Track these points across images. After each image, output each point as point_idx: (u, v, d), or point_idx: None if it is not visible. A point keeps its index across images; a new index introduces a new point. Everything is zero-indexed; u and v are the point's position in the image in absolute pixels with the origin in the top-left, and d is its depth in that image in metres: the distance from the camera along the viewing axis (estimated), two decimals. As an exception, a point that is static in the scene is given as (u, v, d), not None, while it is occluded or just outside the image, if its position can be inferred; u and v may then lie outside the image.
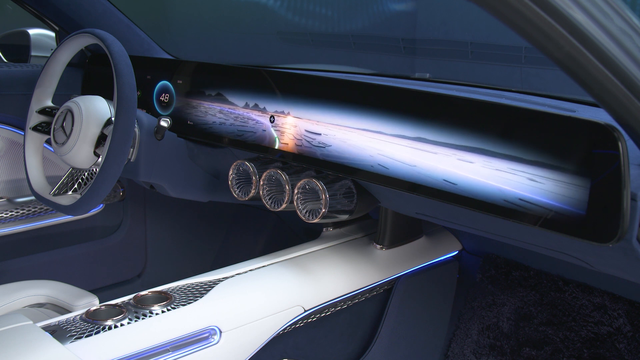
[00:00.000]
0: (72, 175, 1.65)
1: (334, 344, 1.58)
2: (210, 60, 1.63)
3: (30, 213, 1.90)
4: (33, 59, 2.31)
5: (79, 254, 2.03)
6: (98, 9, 1.87)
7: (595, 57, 0.70)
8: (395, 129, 1.18)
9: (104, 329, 1.16)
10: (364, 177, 1.25)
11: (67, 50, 1.59)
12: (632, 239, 0.95)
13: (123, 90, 1.36)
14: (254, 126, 1.45)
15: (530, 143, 1.00)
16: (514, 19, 0.66)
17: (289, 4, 6.01)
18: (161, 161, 1.58)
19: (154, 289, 1.32)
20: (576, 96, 1.35)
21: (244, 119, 1.47)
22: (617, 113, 0.79)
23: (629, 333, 1.51)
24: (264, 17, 6.32)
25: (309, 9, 5.91)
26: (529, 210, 1.00)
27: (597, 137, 0.92)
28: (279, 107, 1.40)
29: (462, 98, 1.12)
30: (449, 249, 1.78)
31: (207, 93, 1.56)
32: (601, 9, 0.69)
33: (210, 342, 1.24)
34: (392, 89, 1.22)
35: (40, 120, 1.63)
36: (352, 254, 1.57)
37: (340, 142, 1.28)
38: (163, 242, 2.23)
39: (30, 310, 1.45)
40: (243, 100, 1.47)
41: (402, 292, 1.64)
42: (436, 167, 1.12)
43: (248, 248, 2.29)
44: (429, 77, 1.64)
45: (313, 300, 1.44)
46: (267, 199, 1.46)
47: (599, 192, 0.92)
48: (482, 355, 1.68)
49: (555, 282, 1.63)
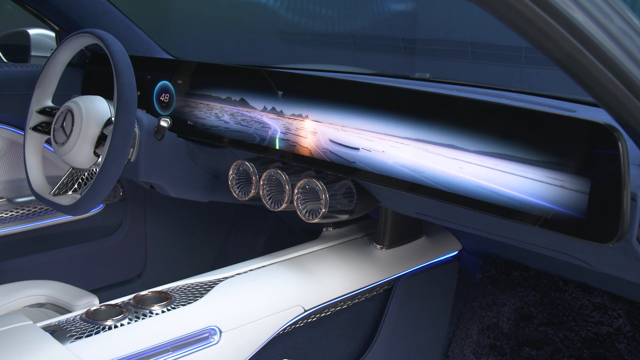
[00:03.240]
0: (72, 175, 1.65)
1: (334, 344, 1.58)
2: (210, 60, 1.63)
3: (30, 213, 1.90)
4: (33, 59, 2.31)
5: (79, 254, 2.03)
6: (98, 9, 1.87)
7: (595, 57, 0.70)
8: (395, 130, 1.18)
9: (104, 329, 1.16)
10: (364, 177, 1.25)
11: (67, 50, 1.59)
12: (632, 239, 0.95)
13: (123, 90, 1.36)
14: (253, 126, 1.45)
15: (530, 143, 1.00)
16: (514, 19, 0.66)
17: (289, 4, 6.01)
18: (161, 161, 1.58)
19: (154, 289, 1.32)
20: (576, 96, 1.35)
21: (243, 119, 1.47)
22: (617, 113, 0.79)
23: (629, 333, 1.51)
24: (264, 17, 6.32)
25: (309, 9, 5.91)
26: (529, 211, 1.00)
27: (597, 137, 0.92)
28: (279, 106, 1.40)
29: (462, 98, 1.12)
30: (449, 249, 1.78)
31: (207, 93, 1.56)
32: (601, 9, 0.69)
33: (210, 342, 1.24)
34: (392, 89, 1.22)
35: (40, 120, 1.63)
36: (352, 254, 1.57)
37: (339, 140, 1.28)
38: (163, 242, 2.23)
39: (30, 310, 1.45)
40: (243, 100, 1.47)
41: (402, 292, 1.64)
42: (436, 167, 1.12)
43: (248, 248, 2.29)
44: (429, 77, 1.64)
45: (313, 300, 1.44)
46: (267, 199, 1.46)
47: (599, 192, 0.92)
48: (482, 355, 1.68)
49: (555, 282, 1.63)
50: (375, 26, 5.36)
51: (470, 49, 4.60)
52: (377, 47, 5.37)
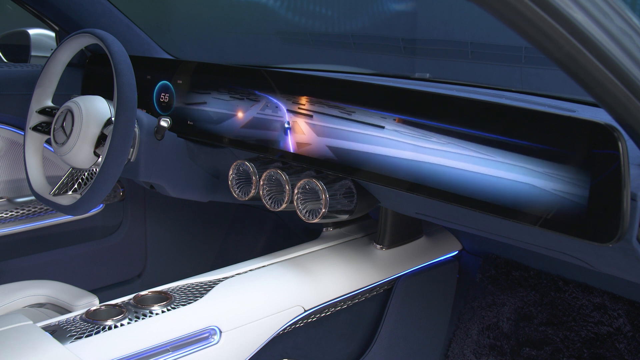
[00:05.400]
0: (72, 175, 1.65)
1: (334, 344, 1.58)
2: (210, 60, 1.63)
3: (30, 213, 1.90)
4: (33, 59, 2.31)
5: (79, 254, 2.03)
6: (98, 9, 1.87)
7: (595, 57, 0.70)
8: (395, 130, 1.18)
9: (104, 329, 1.16)
10: (364, 177, 1.25)
11: (67, 50, 1.59)
12: (632, 239, 0.95)
13: (123, 90, 1.36)
14: (254, 126, 1.45)
15: (530, 143, 1.00)
16: (514, 19, 0.66)
17: (289, 4, 6.02)
18: (161, 161, 1.58)
19: (154, 289, 1.32)
20: (576, 96, 1.36)
21: (243, 119, 1.47)
22: (617, 113, 0.79)
23: (629, 333, 1.51)
24: (264, 17, 6.33)
25: (309, 9, 5.91)
26: (529, 210, 1.00)
27: (597, 137, 0.92)
28: (279, 106, 1.40)
29: (462, 98, 1.12)
30: (449, 249, 1.78)
31: (207, 93, 1.56)
32: (601, 9, 0.69)
33: (210, 342, 1.24)
34: (392, 89, 1.22)
35: (40, 120, 1.63)
36: (352, 254, 1.57)
37: (339, 140, 1.28)
38: (163, 242, 2.23)
39: (30, 310, 1.45)
40: (243, 100, 1.48)
41: (402, 292, 1.64)
42: (436, 168, 1.12)
43: (248, 248, 2.29)
44: (429, 77, 1.64)
45: (313, 300, 1.44)
46: (267, 199, 1.46)
47: (599, 192, 0.92)
48: (482, 355, 1.68)
49: (555, 282, 1.63)
50: (375, 26, 5.36)
51: (470, 49, 4.60)
52: (377, 47, 5.37)
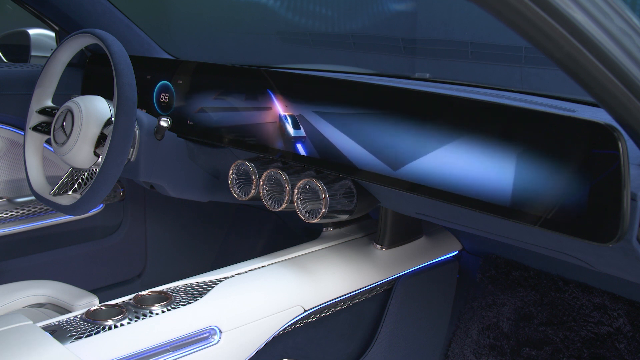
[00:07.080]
0: (72, 175, 1.65)
1: (334, 344, 1.58)
2: (210, 60, 1.63)
3: (30, 213, 1.90)
4: (33, 59, 2.31)
5: (79, 254, 2.03)
6: (98, 9, 1.87)
7: (595, 57, 0.70)
8: (395, 130, 1.18)
9: (104, 329, 1.16)
10: (364, 177, 1.25)
11: (67, 50, 1.59)
12: (632, 239, 0.95)
13: (123, 90, 1.36)
14: (254, 126, 1.45)
15: (530, 143, 1.00)
16: (514, 19, 0.66)
17: (289, 4, 6.02)
18: (161, 161, 1.58)
19: (154, 289, 1.32)
20: (576, 96, 1.35)
21: (244, 119, 1.47)
22: (617, 113, 0.79)
23: (629, 333, 1.51)
24: (264, 17, 6.33)
25: (309, 9, 5.92)
26: (529, 210, 1.00)
27: (597, 137, 0.92)
28: (279, 106, 1.40)
29: (462, 98, 1.12)
30: (449, 249, 1.78)
31: (207, 93, 1.56)
32: (601, 9, 0.69)
33: (210, 342, 1.24)
34: (392, 89, 1.22)
35: (40, 120, 1.63)
36: (352, 254, 1.57)
37: (339, 140, 1.28)
38: (163, 242, 2.23)
39: (30, 310, 1.45)
40: (243, 100, 1.48)
41: (402, 292, 1.64)
42: (436, 167, 1.12)
43: (248, 248, 2.29)
44: (429, 77, 1.64)
45: (313, 300, 1.44)
46: (267, 199, 1.46)
47: (599, 192, 0.92)
48: (482, 355, 1.68)
49: (555, 282, 1.63)
50: (375, 26, 5.37)
51: (470, 49, 4.60)
52: (377, 47, 5.37)
